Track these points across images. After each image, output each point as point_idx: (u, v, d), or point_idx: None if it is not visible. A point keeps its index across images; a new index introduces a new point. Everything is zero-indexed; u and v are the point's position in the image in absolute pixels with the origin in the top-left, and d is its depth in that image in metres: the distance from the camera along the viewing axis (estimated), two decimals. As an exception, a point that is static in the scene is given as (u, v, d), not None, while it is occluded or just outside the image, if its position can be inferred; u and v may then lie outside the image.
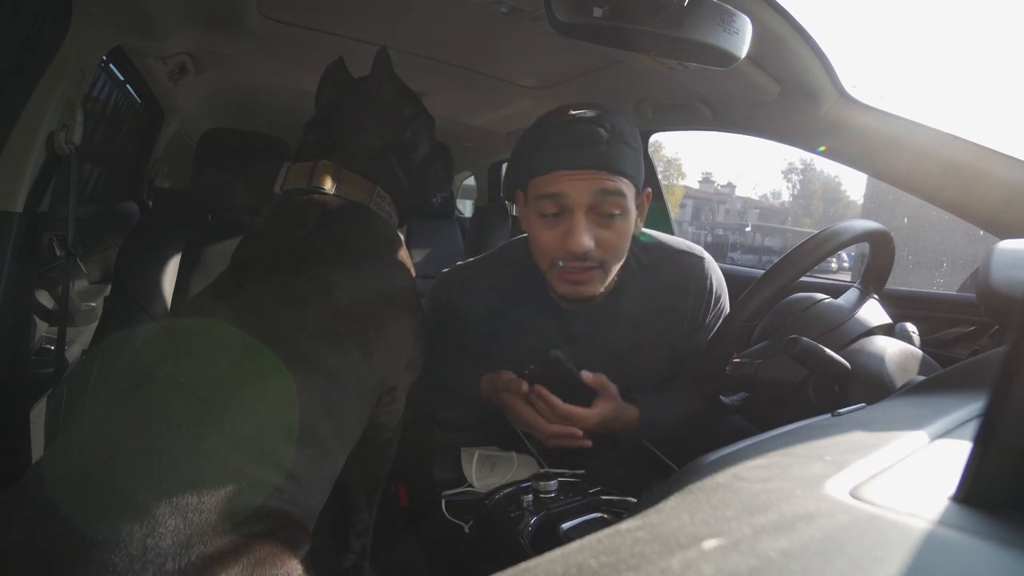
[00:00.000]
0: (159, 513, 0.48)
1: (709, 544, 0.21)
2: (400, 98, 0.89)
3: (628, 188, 0.76)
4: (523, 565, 0.21)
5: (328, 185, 0.77)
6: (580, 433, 0.79)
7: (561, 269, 0.76)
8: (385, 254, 0.79)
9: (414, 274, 0.84)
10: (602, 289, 0.80)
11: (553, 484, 0.69)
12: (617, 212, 0.75)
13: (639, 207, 0.81)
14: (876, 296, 0.84)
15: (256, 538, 0.52)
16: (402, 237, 0.89)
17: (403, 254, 0.83)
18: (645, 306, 0.87)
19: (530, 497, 0.68)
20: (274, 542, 0.53)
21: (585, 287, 0.78)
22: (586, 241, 0.73)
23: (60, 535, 0.46)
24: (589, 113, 0.75)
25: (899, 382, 0.67)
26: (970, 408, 0.39)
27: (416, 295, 0.82)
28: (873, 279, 0.84)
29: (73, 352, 1.30)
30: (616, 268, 0.80)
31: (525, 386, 0.80)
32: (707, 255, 0.91)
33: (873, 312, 0.80)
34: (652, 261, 0.88)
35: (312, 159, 0.79)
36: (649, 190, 0.84)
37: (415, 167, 0.89)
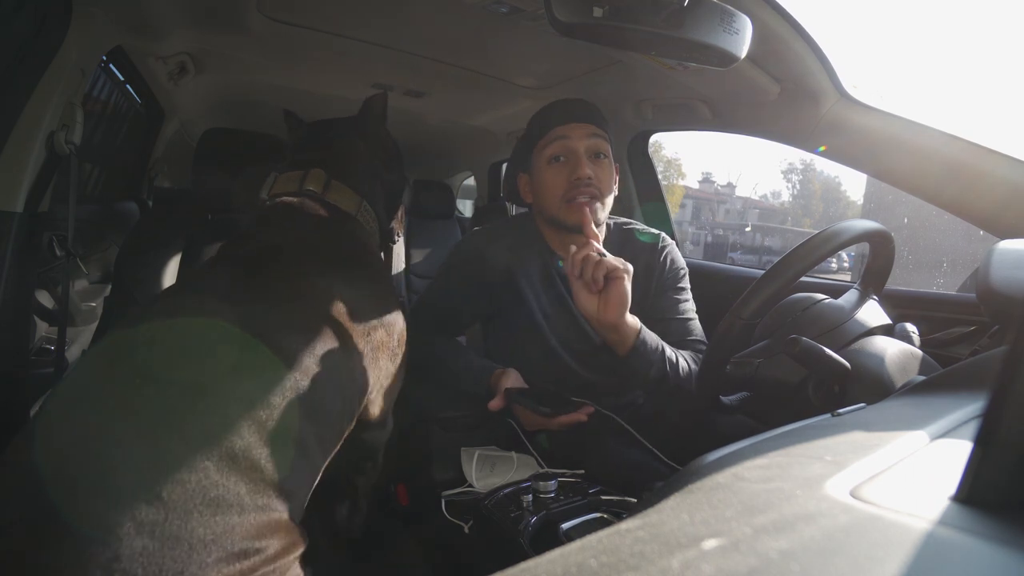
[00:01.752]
0: (122, 532, 0.43)
1: (709, 544, 0.21)
2: (392, 140, 0.97)
3: (607, 139, 0.99)
4: (523, 565, 0.21)
5: (319, 190, 0.79)
6: (590, 409, 0.88)
7: (569, 202, 0.95)
8: (370, 264, 0.80)
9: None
10: (602, 219, 0.99)
11: (553, 484, 0.69)
12: (604, 154, 0.98)
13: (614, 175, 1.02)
14: (876, 297, 0.84)
15: (241, 557, 0.49)
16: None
17: (385, 267, 0.87)
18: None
19: (530, 497, 0.68)
20: (271, 557, 0.51)
21: (591, 214, 0.94)
22: (587, 169, 0.94)
23: (18, 557, 0.43)
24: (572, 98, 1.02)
25: (899, 382, 0.67)
26: (970, 408, 0.39)
27: (398, 306, 0.82)
28: (873, 279, 0.84)
29: (73, 352, 1.30)
30: (608, 204, 0.99)
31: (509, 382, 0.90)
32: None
33: (873, 313, 0.80)
34: (626, 232, 1.08)
35: (303, 169, 0.81)
36: (617, 165, 1.04)
37: (392, 204, 0.96)
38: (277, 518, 0.54)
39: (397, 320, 0.79)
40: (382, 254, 0.92)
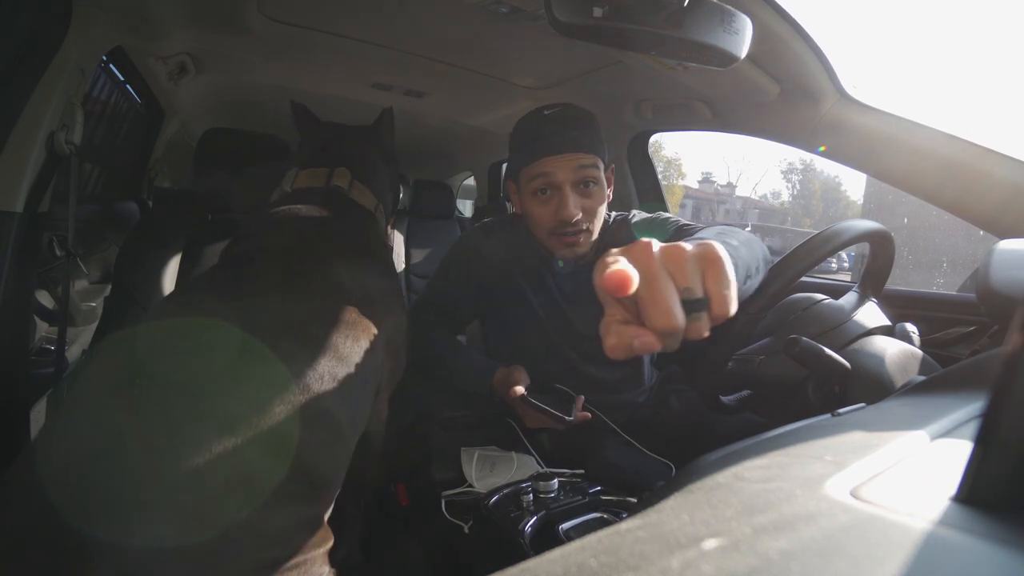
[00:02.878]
0: (164, 516, 0.46)
1: (709, 544, 0.21)
2: (396, 153, 1.01)
3: (598, 163, 0.92)
4: (523, 565, 0.21)
5: (345, 186, 0.84)
6: (585, 414, 0.87)
7: (558, 237, 0.92)
8: (386, 259, 0.85)
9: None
10: (589, 248, 0.96)
11: (553, 484, 0.69)
12: (593, 182, 0.92)
13: (607, 180, 0.96)
14: (875, 300, 0.84)
15: (276, 545, 0.51)
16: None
17: (394, 264, 0.91)
18: None
19: (530, 497, 0.68)
20: (302, 549, 0.53)
21: (578, 248, 0.94)
22: (574, 210, 0.89)
23: (57, 543, 0.44)
24: (558, 108, 0.93)
25: (899, 382, 0.67)
26: (970, 408, 0.39)
27: (403, 299, 0.86)
28: (872, 281, 0.84)
29: (73, 352, 1.30)
30: (597, 230, 0.96)
31: (521, 388, 0.87)
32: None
33: (872, 315, 0.81)
34: (623, 226, 1.02)
35: (328, 166, 0.86)
36: (613, 165, 1.00)
37: (393, 209, 1.02)
38: (311, 511, 0.56)
39: (403, 314, 0.84)
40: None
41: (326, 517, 0.61)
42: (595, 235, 0.96)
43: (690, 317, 0.34)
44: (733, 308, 0.36)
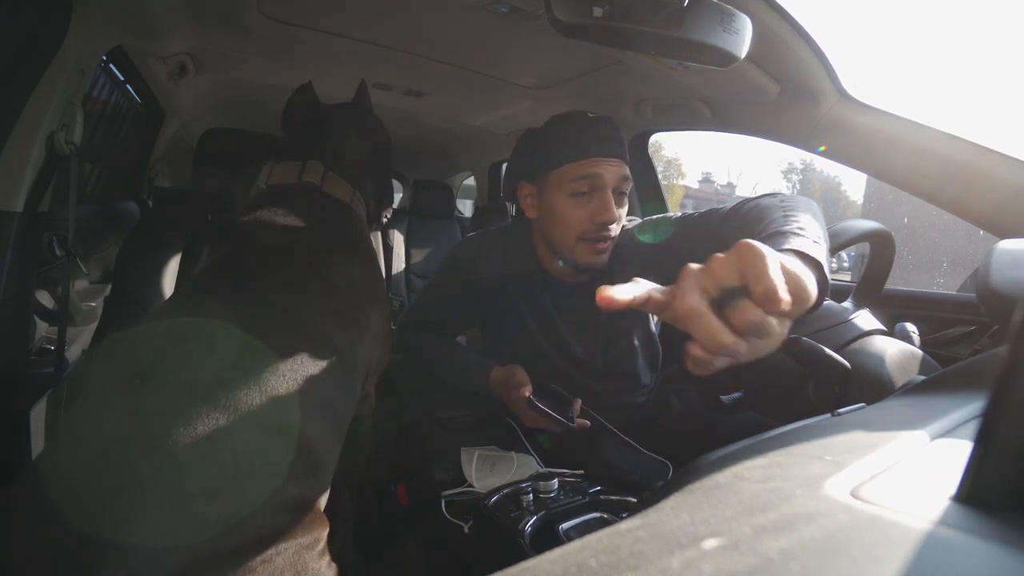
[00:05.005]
0: (186, 492, 0.48)
1: (709, 544, 0.21)
2: (379, 127, 0.99)
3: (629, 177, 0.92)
4: (523, 565, 0.21)
5: (317, 181, 0.84)
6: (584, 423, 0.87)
7: (587, 242, 0.90)
8: (368, 250, 0.86)
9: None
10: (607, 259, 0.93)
11: (553, 484, 0.69)
12: (625, 193, 0.92)
13: None
14: (867, 308, 0.85)
15: (288, 526, 0.54)
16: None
17: (376, 254, 0.91)
18: (622, 280, 0.94)
19: (530, 497, 0.68)
20: (310, 529, 0.56)
21: (603, 255, 0.92)
22: (615, 212, 0.88)
23: (59, 544, 0.45)
24: (596, 115, 0.92)
25: (899, 382, 0.68)
26: (970, 408, 0.39)
27: (384, 286, 0.88)
28: (870, 283, 0.84)
29: (73, 352, 1.30)
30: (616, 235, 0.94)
31: (527, 390, 0.87)
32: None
33: (868, 321, 0.81)
34: (627, 232, 0.99)
35: (300, 160, 0.85)
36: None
37: (380, 185, 1.00)
38: (310, 491, 0.59)
39: (386, 299, 0.87)
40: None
41: (322, 503, 0.63)
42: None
43: (729, 307, 0.36)
44: (773, 283, 0.35)
